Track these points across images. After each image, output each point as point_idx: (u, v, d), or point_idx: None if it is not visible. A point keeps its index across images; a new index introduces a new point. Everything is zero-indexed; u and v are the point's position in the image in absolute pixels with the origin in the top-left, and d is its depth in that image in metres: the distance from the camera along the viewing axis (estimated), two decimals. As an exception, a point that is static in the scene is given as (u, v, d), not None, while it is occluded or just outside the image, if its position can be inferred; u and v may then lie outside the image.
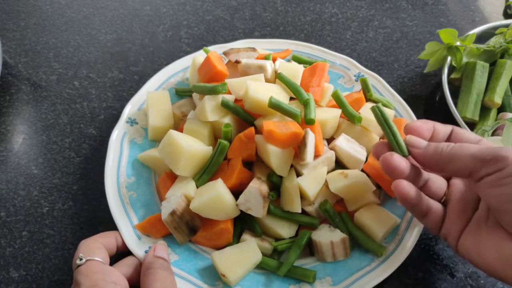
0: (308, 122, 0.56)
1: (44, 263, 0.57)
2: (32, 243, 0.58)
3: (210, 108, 0.58)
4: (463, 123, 0.64)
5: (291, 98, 0.61)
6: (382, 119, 0.51)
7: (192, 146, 0.55)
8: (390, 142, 0.49)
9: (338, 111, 0.61)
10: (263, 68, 0.63)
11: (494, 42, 0.76)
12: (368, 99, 0.66)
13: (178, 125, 0.65)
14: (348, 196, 0.56)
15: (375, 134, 0.62)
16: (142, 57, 0.81)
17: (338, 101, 0.61)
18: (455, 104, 0.68)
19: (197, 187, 0.56)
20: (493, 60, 0.74)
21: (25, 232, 0.59)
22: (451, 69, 0.74)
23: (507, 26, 0.77)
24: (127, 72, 0.78)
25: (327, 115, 0.60)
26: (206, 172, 0.56)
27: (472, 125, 0.68)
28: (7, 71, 0.77)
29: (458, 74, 0.73)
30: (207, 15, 0.90)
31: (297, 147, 0.56)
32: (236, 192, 0.56)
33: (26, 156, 0.67)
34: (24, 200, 0.62)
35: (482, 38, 0.77)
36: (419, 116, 0.67)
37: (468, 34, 0.73)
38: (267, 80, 0.62)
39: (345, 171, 0.56)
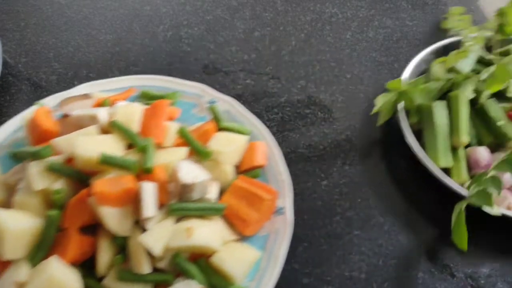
0: (145, 171, 0.50)
1: (44, 263, 0.57)
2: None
3: (36, 175, 0.50)
4: (440, 172, 0.60)
5: (131, 145, 0.54)
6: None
7: (16, 225, 0.47)
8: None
9: (184, 150, 0.56)
10: (95, 118, 0.55)
11: (437, 72, 0.71)
12: (220, 128, 0.62)
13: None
14: (190, 252, 0.50)
15: (228, 164, 0.58)
16: (142, 57, 0.81)
17: (185, 139, 0.57)
18: (423, 145, 0.64)
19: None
20: (445, 92, 0.69)
21: (25, 232, 0.59)
22: (408, 112, 0.68)
23: (445, 48, 0.75)
24: (127, 72, 0.78)
25: (172, 156, 0.55)
26: (41, 249, 0.48)
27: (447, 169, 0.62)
28: (7, 71, 0.77)
29: (415, 117, 0.67)
30: (207, 15, 0.90)
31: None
32: (82, 263, 0.49)
33: (26, 156, 0.67)
34: (24, 200, 0.62)
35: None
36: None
37: (412, 80, 0.70)
38: (103, 130, 0.55)
39: (192, 227, 0.49)
